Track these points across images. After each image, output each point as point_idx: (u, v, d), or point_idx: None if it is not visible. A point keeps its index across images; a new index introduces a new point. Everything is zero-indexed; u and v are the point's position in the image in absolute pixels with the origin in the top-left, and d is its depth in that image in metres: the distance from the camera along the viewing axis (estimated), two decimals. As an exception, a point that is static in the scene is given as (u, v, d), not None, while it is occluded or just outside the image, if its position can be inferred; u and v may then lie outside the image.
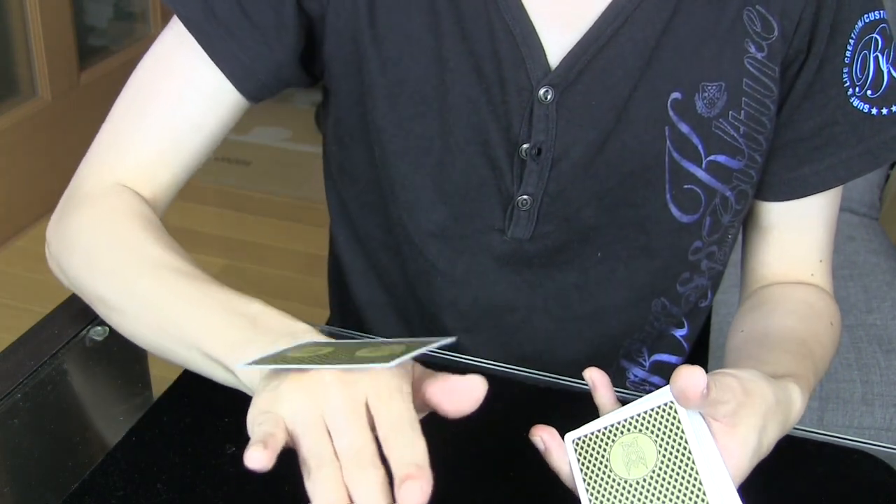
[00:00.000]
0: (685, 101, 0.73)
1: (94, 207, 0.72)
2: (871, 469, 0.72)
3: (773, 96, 0.74)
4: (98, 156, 0.76)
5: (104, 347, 0.78)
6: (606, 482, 0.55)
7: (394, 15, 0.73)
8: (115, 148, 0.75)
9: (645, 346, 0.90)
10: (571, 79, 0.72)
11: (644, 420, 0.55)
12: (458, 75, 0.73)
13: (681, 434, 0.54)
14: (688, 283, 0.85)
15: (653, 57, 0.72)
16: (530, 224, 0.78)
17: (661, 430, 0.54)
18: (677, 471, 0.53)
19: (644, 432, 0.55)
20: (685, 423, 0.54)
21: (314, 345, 0.53)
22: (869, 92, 0.75)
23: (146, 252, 0.67)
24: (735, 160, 0.76)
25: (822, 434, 0.75)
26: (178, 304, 0.62)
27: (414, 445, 0.47)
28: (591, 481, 0.55)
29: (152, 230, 0.69)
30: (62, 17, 2.45)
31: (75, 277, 0.71)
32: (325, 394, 0.49)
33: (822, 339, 0.75)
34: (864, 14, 0.74)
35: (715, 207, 0.79)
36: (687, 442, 0.53)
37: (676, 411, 0.54)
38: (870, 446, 0.74)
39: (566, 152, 0.74)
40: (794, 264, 0.83)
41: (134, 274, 0.66)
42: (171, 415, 0.70)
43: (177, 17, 0.73)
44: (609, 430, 0.56)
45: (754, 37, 0.72)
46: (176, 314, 0.62)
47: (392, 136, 0.76)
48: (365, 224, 0.86)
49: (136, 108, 0.75)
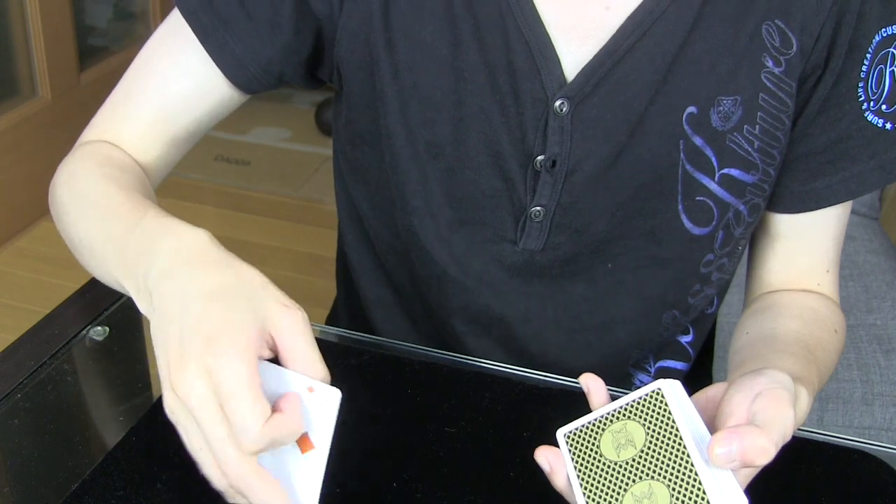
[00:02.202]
0: (700, 115, 0.72)
1: (84, 157, 0.75)
2: (871, 469, 0.72)
3: (788, 111, 0.73)
4: (94, 127, 0.79)
5: (104, 347, 0.78)
6: (596, 467, 0.55)
7: (408, 20, 0.72)
8: (110, 120, 0.78)
9: (651, 353, 0.90)
10: (587, 91, 0.71)
11: (632, 408, 0.56)
12: (471, 85, 0.72)
13: (668, 415, 0.54)
14: (698, 295, 0.85)
15: (669, 71, 0.71)
16: (542, 235, 0.77)
17: (649, 415, 0.55)
18: (665, 447, 0.53)
19: (633, 419, 0.55)
20: (672, 405, 0.54)
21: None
22: (884, 107, 0.74)
23: (106, 171, 0.71)
24: (749, 174, 0.75)
25: (822, 434, 0.75)
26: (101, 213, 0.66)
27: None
28: (581, 468, 0.56)
29: (125, 171, 0.73)
30: (62, 17, 2.45)
31: (56, 216, 0.74)
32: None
33: (825, 345, 0.75)
34: (882, 28, 0.72)
35: (728, 221, 0.78)
36: (674, 421, 0.54)
37: (664, 395, 0.55)
38: (870, 446, 0.74)
39: (580, 165, 0.73)
40: (801, 273, 0.83)
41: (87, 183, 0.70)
42: (171, 415, 0.69)
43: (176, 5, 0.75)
44: (599, 420, 0.57)
45: (772, 51, 0.71)
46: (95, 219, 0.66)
47: (402, 142, 0.76)
48: (374, 225, 0.86)
49: (132, 85, 0.78)
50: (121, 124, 0.78)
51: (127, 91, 0.78)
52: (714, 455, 0.50)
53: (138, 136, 0.77)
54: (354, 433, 0.54)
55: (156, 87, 0.77)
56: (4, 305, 2.16)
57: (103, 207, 0.66)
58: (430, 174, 0.77)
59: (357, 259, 0.91)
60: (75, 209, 0.70)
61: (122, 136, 0.77)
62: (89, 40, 2.71)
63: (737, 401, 0.54)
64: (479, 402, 0.75)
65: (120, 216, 0.64)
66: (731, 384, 0.56)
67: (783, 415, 0.52)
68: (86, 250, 0.67)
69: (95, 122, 0.80)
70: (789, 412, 0.52)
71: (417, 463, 0.68)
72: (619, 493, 0.53)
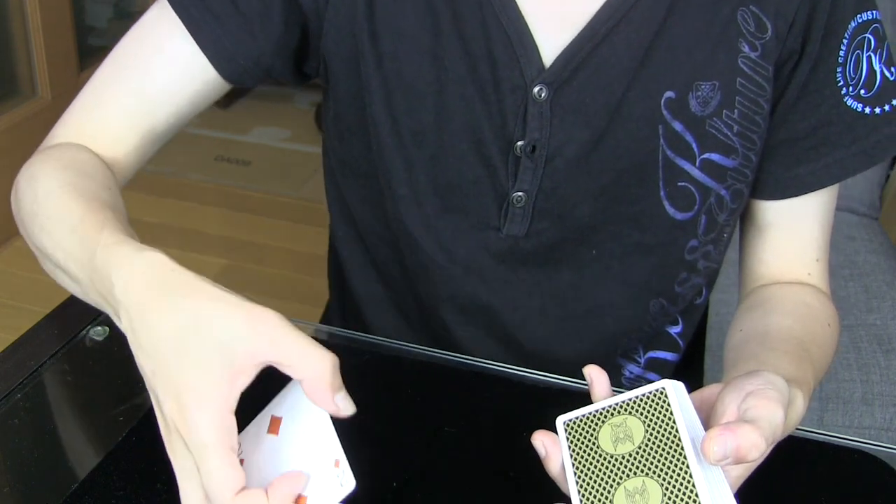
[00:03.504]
0: (679, 100, 0.73)
1: (44, 161, 0.72)
2: (871, 469, 0.72)
3: (766, 95, 0.75)
4: (71, 115, 0.77)
5: (104, 347, 0.78)
6: (592, 458, 0.55)
7: (390, 11, 0.74)
8: (84, 105, 0.77)
9: (641, 343, 0.91)
10: (566, 77, 0.73)
11: (635, 404, 0.56)
12: (452, 73, 0.74)
13: (669, 415, 0.54)
14: (685, 284, 0.85)
15: (647, 57, 0.72)
16: (525, 221, 0.79)
17: (650, 413, 0.55)
18: (662, 445, 0.53)
19: (634, 414, 0.55)
20: (674, 406, 0.54)
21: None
22: (862, 91, 0.76)
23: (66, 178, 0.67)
24: (729, 159, 0.76)
25: (822, 434, 0.75)
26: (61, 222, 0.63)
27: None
28: (577, 457, 0.56)
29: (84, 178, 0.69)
30: (62, 17, 2.45)
31: (20, 222, 0.71)
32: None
33: (819, 340, 0.75)
34: (858, 14, 0.74)
35: (710, 206, 0.79)
36: (674, 421, 0.54)
37: (667, 395, 0.55)
38: (870, 446, 0.74)
39: (560, 150, 0.75)
40: (791, 263, 0.84)
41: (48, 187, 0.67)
42: (171, 415, 0.69)
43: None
44: (600, 412, 0.57)
45: (748, 36, 0.73)
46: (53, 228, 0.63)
47: (388, 130, 0.77)
48: (364, 218, 0.87)
49: (111, 73, 0.77)
50: (96, 115, 0.76)
51: (102, 81, 0.77)
52: (706, 450, 0.49)
53: (116, 126, 0.75)
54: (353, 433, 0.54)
55: (137, 76, 0.75)
56: (4, 305, 2.16)
57: (63, 222, 0.63)
58: (415, 162, 0.78)
59: (348, 256, 0.92)
60: (36, 219, 0.66)
61: (97, 128, 0.75)
62: (89, 40, 2.72)
63: (728, 400, 0.54)
64: (478, 402, 0.75)
65: (78, 236, 0.60)
66: (726, 385, 0.56)
67: (773, 413, 0.52)
68: (50, 263, 0.65)
69: (67, 119, 0.77)
70: (779, 411, 0.53)
71: (416, 462, 0.68)
72: (612, 486, 0.53)
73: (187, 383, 0.49)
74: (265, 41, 0.75)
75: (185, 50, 0.75)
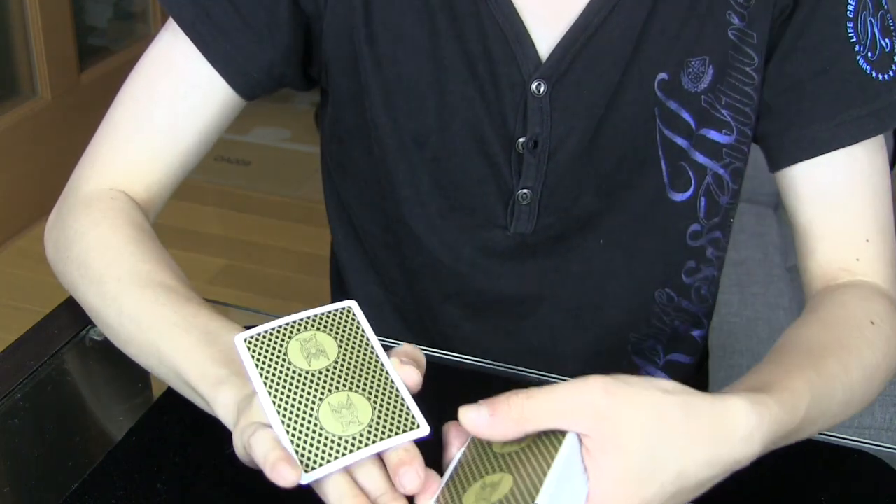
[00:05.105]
0: (671, 80, 0.74)
1: (88, 214, 0.72)
2: (871, 469, 0.72)
3: (754, 64, 0.75)
4: (95, 155, 0.76)
5: (104, 347, 0.78)
6: (285, 374, 0.54)
7: (388, 13, 0.74)
8: (111, 147, 0.76)
9: (660, 344, 0.90)
10: (562, 70, 0.73)
11: (321, 320, 0.56)
12: (451, 73, 0.74)
13: (360, 331, 0.56)
14: (695, 274, 0.84)
15: (640, 41, 0.73)
16: (532, 218, 0.79)
17: (339, 329, 0.56)
18: (360, 360, 0.55)
19: (322, 330, 0.56)
20: (363, 324, 0.57)
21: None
22: (869, 54, 0.74)
23: (134, 267, 0.67)
24: (723, 134, 0.77)
25: (822, 434, 0.75)
26: (160, 327, 0.63)
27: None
28: (267, 374, 0.54)
29: (143, 241, 0.70)
30: (62, 17, 2.45)
31: (69, 284, 0.72)
32: None
33: (846, 342, 0.68)
34: None
35: (708, 186, 0.79)
36: (368, 339, 0.56)
37: (355, 313, 0.57)
38: (870, 446, 0.74)
39: (562, 143, 0.75)
40: (835, 247, 0.76)
41: (121, 289, 0.66)
42: (171, 415, 0.70)
43: (171, 19, 0.74)
44: (284, 328, 0.56)
45: (735, 7, 0.73)
46: (156, 337, 0.63)
47: (389, 133, 0.77)
48: (364, 222, 0.87)
49: (131, 107, 0.76)
50: (121, 153, 0.75)
51: (124, 116, 0.76)
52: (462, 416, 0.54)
53: (148, 171, 0.75)
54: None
55: (157, 109, 0.75)
56: (4, 305, 2.16)
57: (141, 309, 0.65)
58: (418, 163, 0.78)
59: (347, 258, 0.92)
60: (103, 288, 0.67)
61: (124, 166, 0.75)
62: (89, 40, 2.71)
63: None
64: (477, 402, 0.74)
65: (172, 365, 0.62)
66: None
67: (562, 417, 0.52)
68: (122, 340, 0.67)
69: (92, 153, 0.76)
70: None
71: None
72: (314, 401, 0.53)
73: None
74: (274, 50, 0.75)
75: (203, 73, 0.74)
